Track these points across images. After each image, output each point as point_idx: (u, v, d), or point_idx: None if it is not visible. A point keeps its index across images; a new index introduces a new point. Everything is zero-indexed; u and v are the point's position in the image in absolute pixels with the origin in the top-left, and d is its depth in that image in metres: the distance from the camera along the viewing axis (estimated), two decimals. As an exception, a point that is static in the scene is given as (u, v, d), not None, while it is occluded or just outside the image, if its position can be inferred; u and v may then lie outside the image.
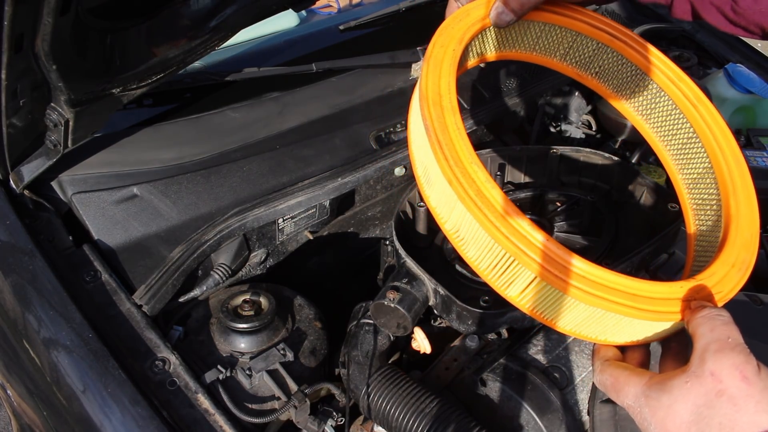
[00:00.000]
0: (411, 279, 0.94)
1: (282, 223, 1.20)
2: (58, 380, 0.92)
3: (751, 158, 1.60)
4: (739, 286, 0.65)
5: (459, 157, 0.65)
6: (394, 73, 1.44)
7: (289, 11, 1.69)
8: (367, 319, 1.02)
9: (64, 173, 1.09)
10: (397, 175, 1.35)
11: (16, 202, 1.06)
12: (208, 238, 1.10)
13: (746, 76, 1.76)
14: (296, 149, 1.25)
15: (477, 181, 0.64)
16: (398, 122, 1.36)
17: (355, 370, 0.99)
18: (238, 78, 1.34)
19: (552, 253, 0.61)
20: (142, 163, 1.14)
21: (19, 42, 0.82)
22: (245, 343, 1.04)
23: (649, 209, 1.09)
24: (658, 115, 0.88)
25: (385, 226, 1.44)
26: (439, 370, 1.01)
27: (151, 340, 0.97)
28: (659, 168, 1.60)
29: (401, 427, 0.92)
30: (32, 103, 0.95)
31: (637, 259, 0.97)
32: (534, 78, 1.54)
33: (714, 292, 0.64)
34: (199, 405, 0.91)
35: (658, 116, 0.88)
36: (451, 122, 0.68)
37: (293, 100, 1.34)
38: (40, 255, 1.00)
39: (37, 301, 0.95)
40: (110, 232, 1.07)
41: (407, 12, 1.61)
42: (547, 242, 0.62)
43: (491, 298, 0.92)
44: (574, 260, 0.62)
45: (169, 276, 1.06)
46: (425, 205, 0.75)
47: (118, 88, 1.02)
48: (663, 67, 0.85)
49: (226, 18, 1.12)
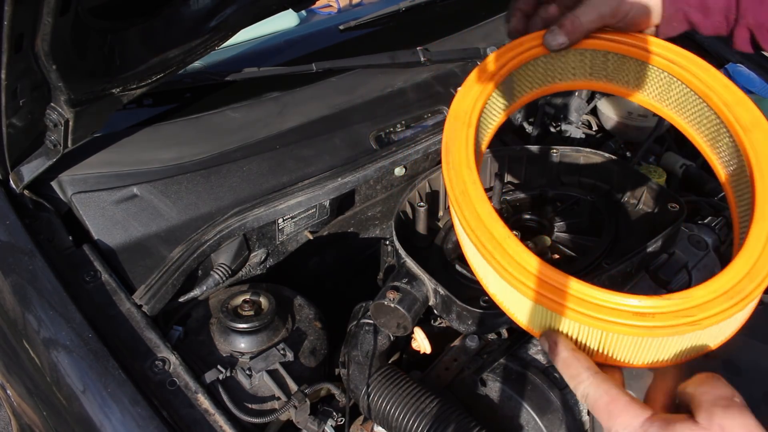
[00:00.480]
0: (411, 279, 0.94)
1: (282, 223, 1.20)
2: (58, 380, 0.92)
3: (751, 158, 1.60)
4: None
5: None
6: (394, 73, 1.44)
7: (289, 11, 1.69)
8: (367, 319, 1.02)
9: (64, 173, 1.09)
10: (397, 175, 1.35)
11: (16, 202, 1.06)
12: (208, 238, 1.10)
13: (746, 76, 1.76)
14: (296, 149, 1.25)
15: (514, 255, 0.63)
16: (398, 122, 1.36)
17: (355, 370, 0.99)
18: (238, 78, 1.34)
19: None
20: (142, 163, 1.14)
21: (19, 42, 0.82)
22: (245, 343, 1.04)
23: (649, 209, 1.09)
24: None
25: (385, 226, 1.44)
26: (439, 370, 1.01)
27: (151, 340, 0.97)
28: (659, 168, 1.60)
29: (401, 427, 0.92)
30: (32, 103, 0.95)
31: (637, 259, 0.97)
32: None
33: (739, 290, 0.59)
34: (199, 405, 0.91)
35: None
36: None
37: (293, 100, 1.34)
38: (40, 255, 1.00)
39: (37, 301, 0.95)
40: (110, 232, 1.07)
41: (407, 12, 1.62)
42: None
43: (491, 298, 0.92)
44: (615, 297, 0.59)
45: (169, 276, 1.06)
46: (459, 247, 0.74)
47: (118, 88, 1.02)
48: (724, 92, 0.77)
49: (226, 18, 1.12)
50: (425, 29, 1.60)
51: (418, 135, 1.31)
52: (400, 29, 1.63)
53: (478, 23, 1.64)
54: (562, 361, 0.60)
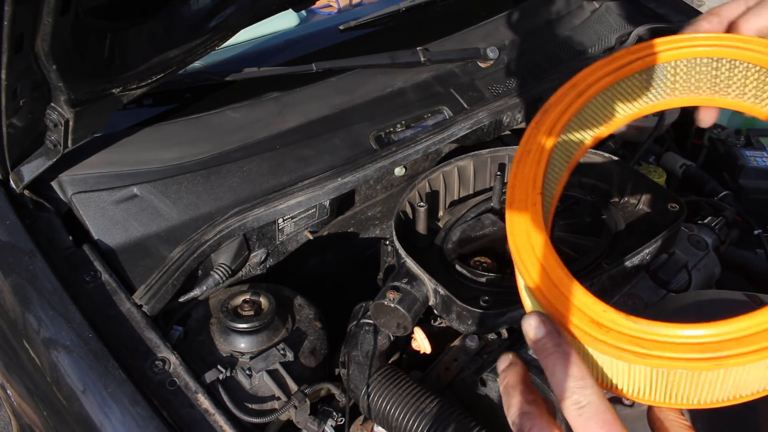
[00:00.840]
0: (411, 279, 0.94)
1: (282, 223, 1.20)
2: (58, 380, 0.92)
3: (751, 158, 1.60)
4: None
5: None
6: (394, 73, 1.44)
7: (289, 11, 1.69)
8: (367, 319, 1.02)
9: (64, 173, 1.09)
10: (397, 175, 1.35)
11: (16, 202, 1.06)
12: (208, 238, 1.10)
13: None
14: (296, 149, 1.25)
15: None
16: (398, 122, 1.36)
17: (355, 370, 0.99)
18: (238, 78, 1.34)
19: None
20: (142, 163, 1.14)
21: (19, 42, 0.82)
22: (245, 343, 1.04)
23: (649, 209, 1.09)
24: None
25: (385, 226, 1.44)
26: (439, 370, 1.01)
27: (151, 340, 0.97)
28: (659, 168, 1.60)
29: (401, 427, 0.92)
30: (32, 103, 0.95)
31: (637, 259, 0.97)
32: (534, 78, 1.54)
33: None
34: (199, 405, 0.91)
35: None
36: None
37: (293, 100, 1.34)
38: (40, 255, 1.00)
39: (37, 301, 0.96)
40: (110, 232, 1.07)
41: (407, 12, 1.61)
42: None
43: (491, 298, 0.92)
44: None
45: (169, 276, 1.06)
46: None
47: (118, 88, 1.02)
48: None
49: (226, 18, 1.12)
50: (425, 29, 1.60)
51: (418, 135, 1.31)
52: (400, 29, 1.63)
53: (478, 23, 1.64)
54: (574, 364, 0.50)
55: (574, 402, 0.48)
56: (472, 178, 1.21)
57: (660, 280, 1.04)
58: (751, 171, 1.57)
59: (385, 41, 1.55)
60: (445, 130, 1.32)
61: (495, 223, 1.09)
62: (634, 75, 0.70)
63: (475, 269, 0.98)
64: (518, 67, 1.55)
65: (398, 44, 1.47)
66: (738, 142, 1.65)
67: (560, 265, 0.56)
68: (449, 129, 1.32)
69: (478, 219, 1.10)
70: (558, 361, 0.50)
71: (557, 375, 0.50)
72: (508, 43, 1.60)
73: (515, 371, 0.55)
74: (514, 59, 1.56)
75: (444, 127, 1.33)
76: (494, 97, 1.45)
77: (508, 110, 1.42)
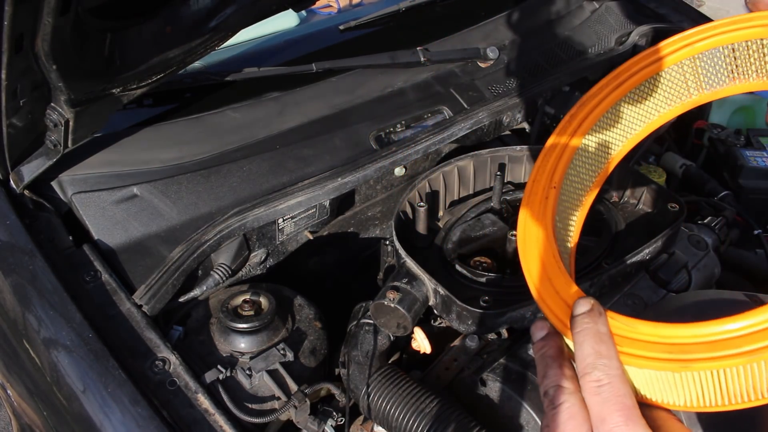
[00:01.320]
0: (411, 279, 0.94)
1: (282, 223, 1.20)
2: (58, 380, 0.92)
3: (751, 158, 1.60)
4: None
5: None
6: (394, 73, 1.44)
7: (289, 11, 1.69)
8: (367, 319, 1.02)
9: (64, 173, 1.09)
10: (397, 175, 1.35)
11: (16, 202, 1.06)
12: (208, 238, 1.10)
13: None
14: (296, 149, 1.25)
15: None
16: (398, 122, 1.36)
17: (355, 370, 0.99)
18: (238, 78, 1.34)
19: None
20: (142, 163, 1.14)
21: (19, 42, 0.82)
22: (245, 343, 1.04)
23: (649, 209, 1.09)
24: None
25: (385, 226, 1.44)
26: (439, 370, 1.01)
27: (151, 340, 0.97)
28: (659, 168, 1.60)
29: (401, 427, 0.92)
30: (32, 103, 0.95)
31: (637, 259, 0.97)
32: (534, 78, 1.54)
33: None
34: (199, 405, 0.91)
35: None
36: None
37: (293, 100, 1.34)
38: (40, 255, 1.00)
39: (37, 301, 0.96)
40: (110, 232, 1.07)
41: (407, 12, 1.61)
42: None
43: (491, 298, 0.92)
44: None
45: (169, 276, 1.06)
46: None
47: (118, 88, 1.02)
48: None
49: (226, 18, 1.12)
50: (425, 29, 1.60)
51: (418, 135, 1.31)
52: (400, 29, 1.63)
53: (478, 23, 1.64)
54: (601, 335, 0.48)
55: (595, 379, 0.45)
56: (472, 178, 1.21)
57: (660, 280, 1.04)
58: (750, 171, 1.57)
59: (385, 41, 1.55)
60: (445, 130, 1.32)
61: (495, 223, 1.09)
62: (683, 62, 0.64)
63: (475, 269, 0.98)
64: (518, 67, 1.55)
65: (398, 44, 1.47)
66: (738, 142, 1.65)
67: (558, 264, 0.56)
68: (449, 129, 1.33)
69: (478, 219, 1.11)
70: (588, 335, 0.48)
71: (584, 349, 0.48)
72: (508, 43, 1.60)
73: (555, 342, 0.53)
74: (514, 59, 1.56)
75: (444, 127, 1.33)
76: (494, 97, 1.45)
77: (508, 110, 1.42)
